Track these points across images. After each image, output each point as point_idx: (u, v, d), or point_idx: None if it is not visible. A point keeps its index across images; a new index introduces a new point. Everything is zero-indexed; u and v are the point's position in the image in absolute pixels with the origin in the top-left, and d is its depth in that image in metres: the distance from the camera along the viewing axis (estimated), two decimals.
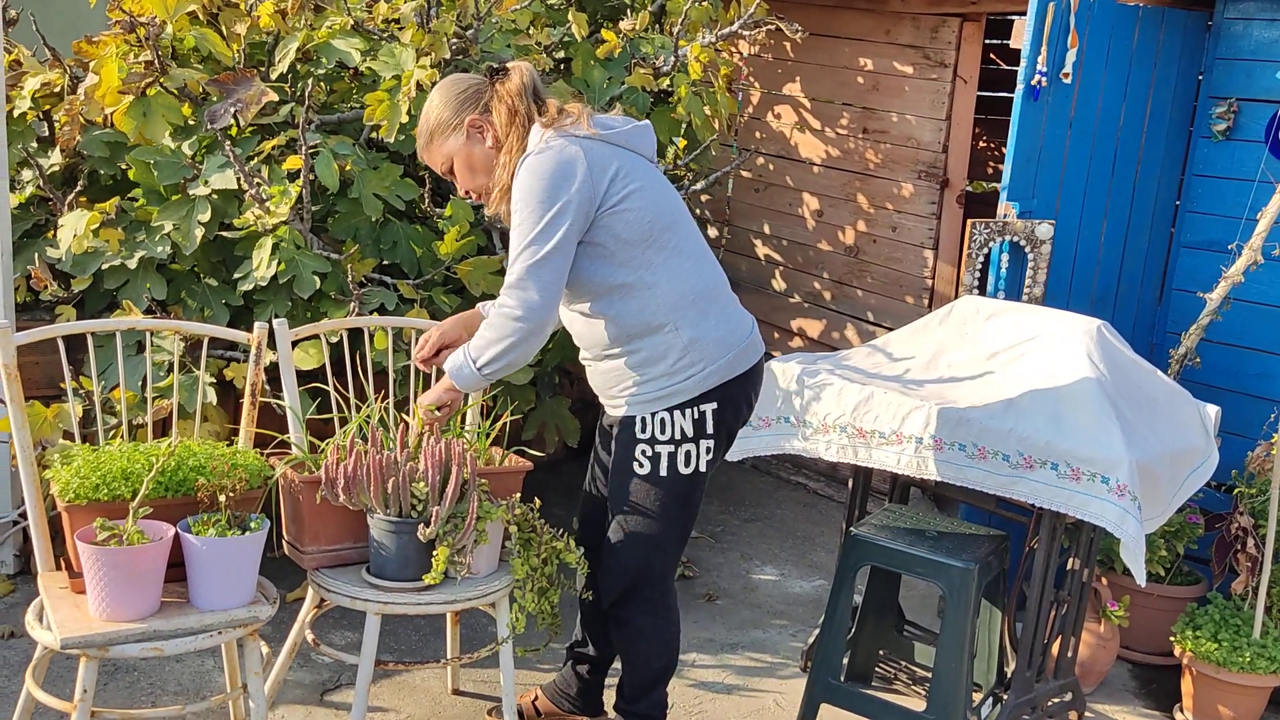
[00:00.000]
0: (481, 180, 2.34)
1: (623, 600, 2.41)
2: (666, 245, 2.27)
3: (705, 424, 2.31)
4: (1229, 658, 2.87)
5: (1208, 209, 3.48)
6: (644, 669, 2.46)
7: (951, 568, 2.53)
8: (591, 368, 2.40)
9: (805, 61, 4.50)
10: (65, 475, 2.14)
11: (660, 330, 2.27)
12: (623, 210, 2.22)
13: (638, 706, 2.49)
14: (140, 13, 3.11)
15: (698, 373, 2.28)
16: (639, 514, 2.35)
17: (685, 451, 2.31)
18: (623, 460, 2.35)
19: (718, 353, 2.30)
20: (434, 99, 2.35)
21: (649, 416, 2.30)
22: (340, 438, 2.36)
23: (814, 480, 4.53)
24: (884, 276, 4.33)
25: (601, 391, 2.41)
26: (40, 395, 2.95)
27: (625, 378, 2.32)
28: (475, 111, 2.31)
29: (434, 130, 2.34)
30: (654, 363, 2.29)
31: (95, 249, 3.02)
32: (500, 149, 2.30)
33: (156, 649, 2.05)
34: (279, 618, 2.90)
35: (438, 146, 2.34)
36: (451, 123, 2.31)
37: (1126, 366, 2.69)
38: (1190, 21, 3.47)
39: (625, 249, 2.24)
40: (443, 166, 2.37)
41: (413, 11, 3.26)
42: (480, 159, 2.32)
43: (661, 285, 2.26)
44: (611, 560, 2.40)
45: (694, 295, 2.29)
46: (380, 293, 3.09)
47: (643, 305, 2.26)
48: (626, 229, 2.23)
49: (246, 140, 3.12)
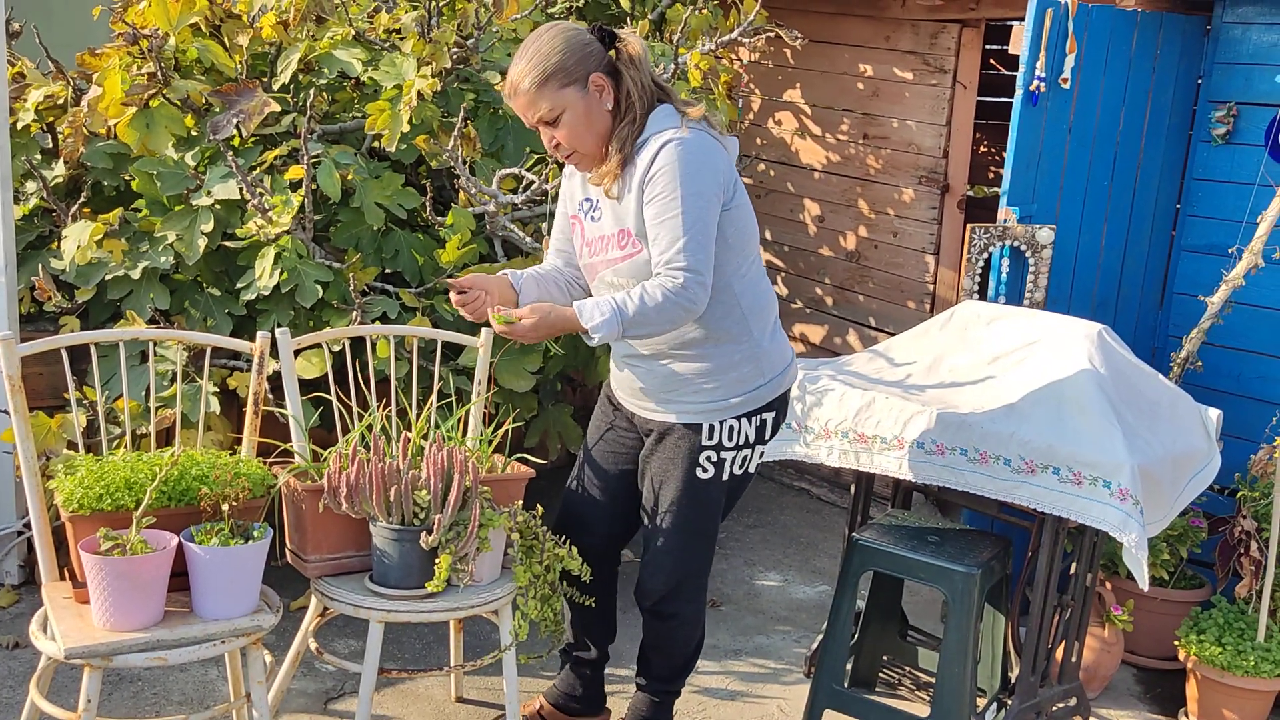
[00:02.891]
0: (592, 141, 2.21)
1: (670, 595, 2.47)
2: (751, 256, 2.33)
3: (765, 431, 2.41)
4: (1233, 661, 2.86)
5: (1208, 213, 3.49)
6: (684, 650, 2.56)
7: (954, 573, 2.54)
8: (645, 368, 2.36)
9: (805, 68, 4.51)
10: (69, 485, 2.14)
11: (737, 339, 2.32)
12: (734, 215, 2.26)
13: (676, 684, 2.60)
14: (143, 25, 3.13)
15: (766, 383, 2.37)
16: (696, 516, 2.41)
17: (744, 456, 2.40)
18: (683, 465, 2.37)
19: (780, 364, 2.40)
20: (552, 41, 2.16)
21: (717, 424, 2.35)
22: (343, 446, 2.37)
23: (817, 486, 4.53)
24: (885, 282, 4.34)
25: (654, 394, 2.37)
26: (44, 406, 2.96)
27: (692, 383, 2.33)
28: (601, 71, 2.19)
29: (552, 73, 2.15)
30: (725, 371, 2.32)
31: (99, 260, 3.03)
32: (618, 118, 2.20)
33: (160, 658, 2.06)
34: (282, 626, 2.90)
35: (551, 93, 2.15)
36: (575, 72, 2.15)
37: (1128, 370, 2.69)
38: (1189, 26, 3.47)
39: (726, 252, 2.26)
40: (546, 115, 2.18)
41: (414, 22, 3.28)
42: (600, 119, 2.19)
43: (746, 295, 2.32)
44: (665, 559, 2.44)
45: (767, 308, 2.38)
46: (382, 301, 3.10)
47: (727, 311, 2.30)
48: (733, 234, 2.27)
49: (249, 150, 3.13)
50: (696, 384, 2.32)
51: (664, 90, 2.26)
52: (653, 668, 2.58)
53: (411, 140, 3.17)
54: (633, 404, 2.45)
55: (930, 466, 2.60)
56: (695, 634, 2.56)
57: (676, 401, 2.35)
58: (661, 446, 2.39)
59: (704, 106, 2.25)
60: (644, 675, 2.61)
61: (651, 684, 2.59)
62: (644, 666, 2.60)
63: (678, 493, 2.39)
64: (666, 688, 2.59)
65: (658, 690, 2.59)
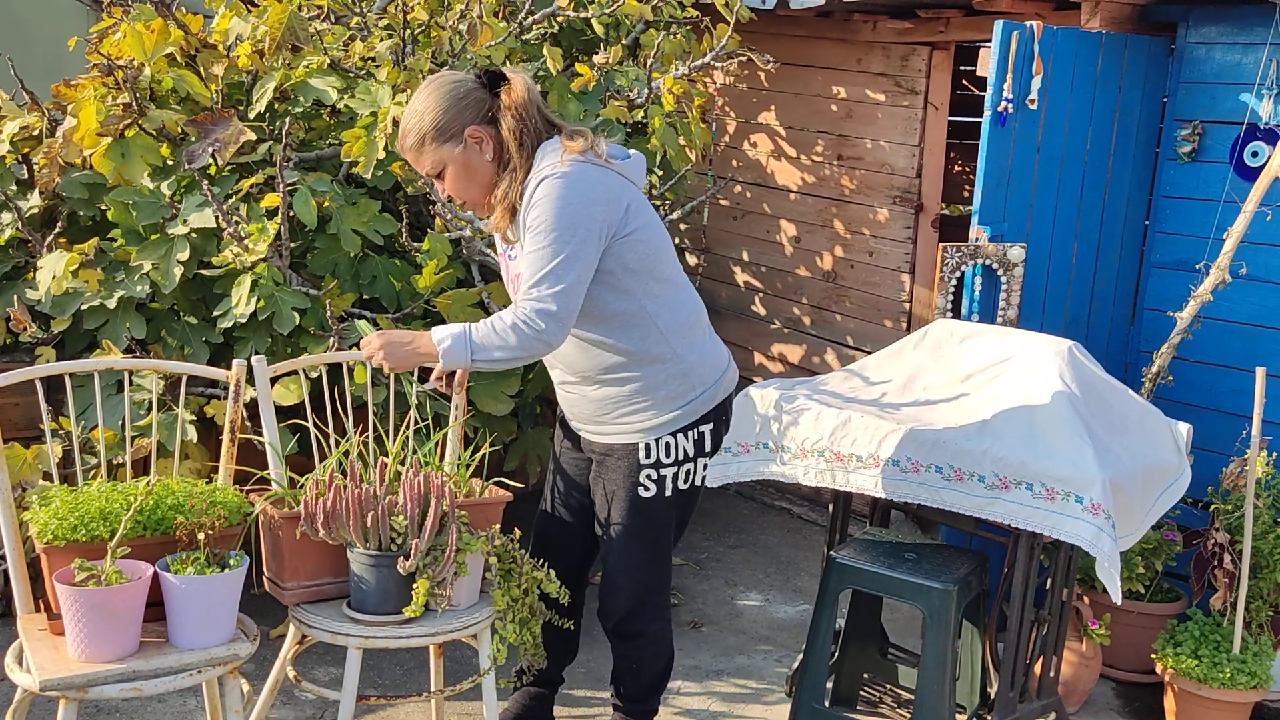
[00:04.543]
0: (476, 192, 2.27)
1: (632, 614, 2.49)
2: (664, 276, 2.34)
3: (705, 443, 2.43)
4: (1209, 674, 2.88)
5: (1176, 229, 3.54)
6: (652, 669, 2.58)
7: (931, 589, 2.55)
8: (578, 394, 2.42)
9: (780, 90, 4.56)
10: (43, 517, 2.14)
11: (660, 358, 2.33)
12: (634, 241, 2.26)
13: (650, 704, 2.62)
14: (118, 56, 3.14)
15: (697, 397, 2.39)
16: (646, 533, 2.43)
17: (686, 470, 2.42)
18: (625, 485, 2.40)
19: (711, 376, 2.41)
20: (428, 99, 2.22)
21: (653, 442, 2.37)
22: (319, 472, 2.37)
23: (798, 505, 4.54)
24: (862, 301, 4.37)
25: (589, 418, 2.43)
26: (20, 437, 2.95)
27: (622, 405, 2.36)
28: (478, 122, 2.21)
29: (428, 134, 2.22)
30: (653, 390, 2.34)
31: (74, 290, 3.03)
32: (501, 163, 2.24)
33: (136, 689, 2.05)
34: (263, 655, 2.89)
35: (430, 151, 2.23)
36: (450, 129, 2.21)
37: (1098, 386, 2.72)
38: (1153, 47, 3.53)
39: (631, 278, 2.28)
40: (431, 171, 2.27)
41: (388, 50, 3.30)
42: (481, 170, 2.24)
43: (662, 314, 2.33)
44: (622, 579, 2.47)
45: (688, 323, 2.38)
46: (360, 327, 3.11)
47: (645, 333, 2.32)
48: (635, 259, 2.27)
49: (225, 179, 3.14)
50: (628, 405, 2.36)
51: (553, 125, 2.26)
52: (625, 688, 2.61)
53: (387, 167, 3.19)
54: (576, 426, 2.49)
55: (906, 484, 2.61)
56: (663, 652, 2.58)
57: (612, 424, 2.39)
58: (604, 468, 2.43)
59: (588, 138, 2.23)
60: (618, 697, 2.64)
61: (626, 705, 2.62)
62: (617, 688, 2.64)
63: (625, 513, 2.42)
64: (640, 708, 2.61)
65: (632, 711, 2.61)
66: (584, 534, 2.58)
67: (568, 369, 2.40)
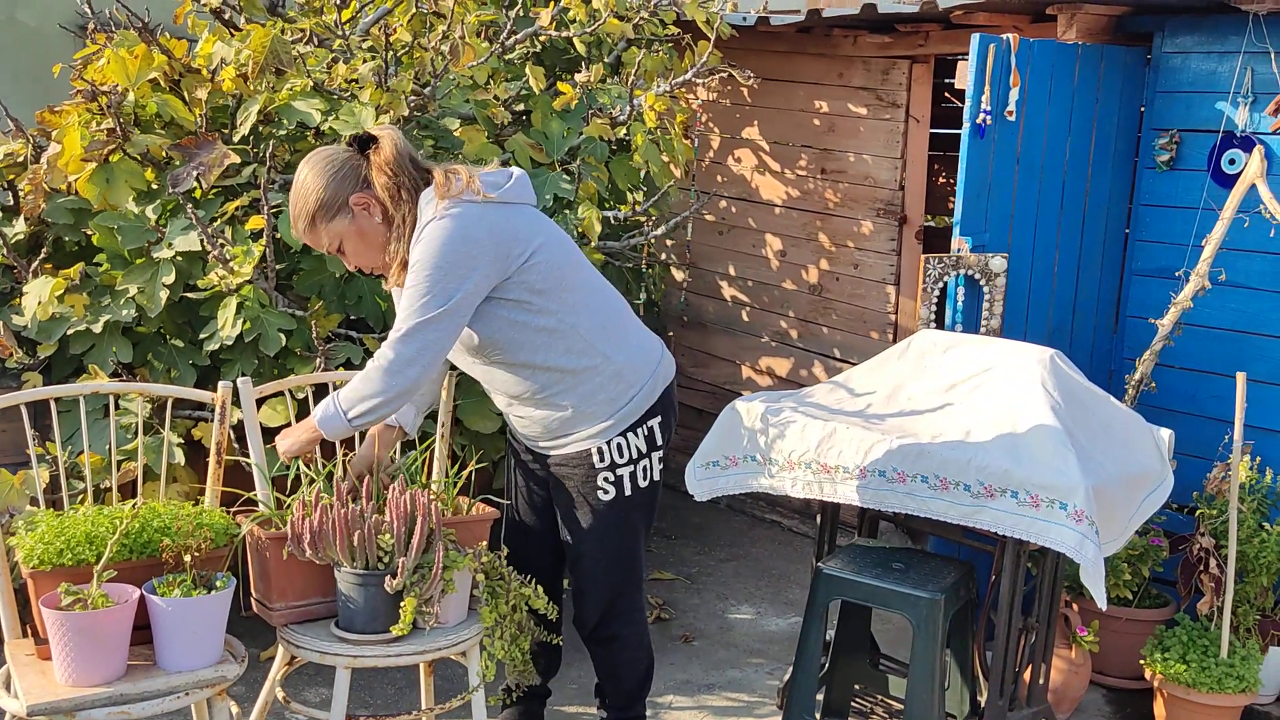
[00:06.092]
0: (378, 256, 2.30)
1: (605, 619, 2.52)
2: (575, 285, 2.35)
3: (655, 437, 2.45)
4: (1198, 678, 2.89)
5: (1156, 237, 3.57)
6: (633, 674, 2.59)
7: (918, 599, 2.56)
8: (523, 414, 2.44)
9: (762, 105, 4.59)
10: (29, 542, 2.14)
11: (592, 367, 2.35)
12: (533, 265, 2.27)
13: (634, 710, 2.63)
14: (102, 81, 3.15)
15: (637, 394, 2.41)
16: (611, 536, 2.45)
17: (643, 467, 2.44)
18: (585, 492, 2.43)
19: (645, 370, 2.43)
20: (307, 179, 2.25)
21: (605, 445, 2.39)
22: (305, 493, 2.38)
23: (788, 518, 4.55)
24: (848, 313, 4.40)
25: (538, 436, 2.46)
26: (6, 463, 2.95)
27: (566, 418, 2.38)
28: (357, 188, 2.24)
29: (315, 212, 2.25)
30: (591, 398, 2.37)
31: (60, 315, 3.04)
32: (390, 223, 2.27)
33: (124, 713, 2.04)
34: (253, 677, 2.88)
35: (324, 229, 2.26)
36: (334, 203, 2.24)
37: (1080, 393, 2.74)
38: (1130, 57, 3.57)
39: (541, 298, 2.30)
40: (330, 247, 2.30)
41: (371, 72, 3.32)
42: (374, 234, 2.27)
43: (582, 322, 2.34)
44: (589, 585, 2.49)
45: (611, 323, 2.40)
46: (346, 348, 3.12)
47: (569, 345, 2.33)
48: (541, 280, 2.29)
49: (210, 202, 3.16)
50: (573, 417, 2.38)
51: (426, 173, 2.27)
52: (608, 696, 2.64)
53: None
54: (529, 444, 2.52)
55: (893, 494, 2.63)
56: (641, 655, 2.60)
57: (561, 435, 2.42)
58: (561, 477, 2.46)
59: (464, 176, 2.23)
60: (602, 706, 2.67)
61: (610, 713, 2.65)
62: (600, 697, 2.67)
63: (588, 519, 2.45)
64: (626, 715, 2.63)
65: (617, 718, 2.64)
66: (552, 542, 2.60)
67: (505, 394, 2.43)
